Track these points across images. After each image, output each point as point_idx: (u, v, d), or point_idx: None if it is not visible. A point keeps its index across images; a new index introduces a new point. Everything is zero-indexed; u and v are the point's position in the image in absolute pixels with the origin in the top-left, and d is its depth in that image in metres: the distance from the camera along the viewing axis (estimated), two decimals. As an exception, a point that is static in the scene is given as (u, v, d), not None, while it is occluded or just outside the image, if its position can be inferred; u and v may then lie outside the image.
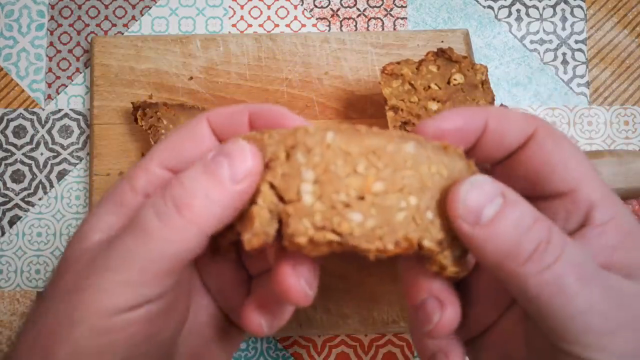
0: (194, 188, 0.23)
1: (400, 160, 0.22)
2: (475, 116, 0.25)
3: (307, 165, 0.22)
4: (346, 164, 0.21)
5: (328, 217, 0.21)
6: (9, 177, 0.47)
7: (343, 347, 0.45)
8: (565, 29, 0.48)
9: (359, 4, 0.49)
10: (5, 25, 0.48)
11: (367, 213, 0.21)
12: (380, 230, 0.21)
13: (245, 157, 0.23)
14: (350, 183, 0.21)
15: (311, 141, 0.22)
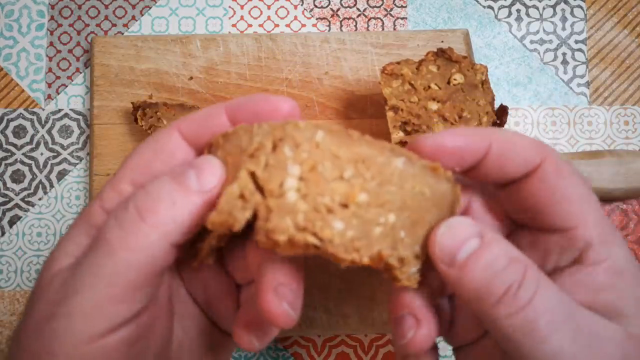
0: (159, 194, 0.23)
1: (388, 174, 0.22)
2: (478, 138, 0.25)
3: (294, 159, 0.21)
4: (334, 167, 0.21)
5: (311, 219, 0.21)
6: (9, 177, 0.47)
7: (343, 347, 0.45)
8: (565, 29, 0.48)
9: (359, 4, 0.49)
10: (5, 25, 0.48)
11: (348, 223, 0.21)
12: (359, 243, 0.21)
13: (215, 169, 0.23)
14: (336, 188, 0.21)
15: (300, 136, 0.21)
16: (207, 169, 0.23)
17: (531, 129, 0.47)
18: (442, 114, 0.37)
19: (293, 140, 0.21)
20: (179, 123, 0.25)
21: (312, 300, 0.43)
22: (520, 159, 0.25)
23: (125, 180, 0.25)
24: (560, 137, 0.47)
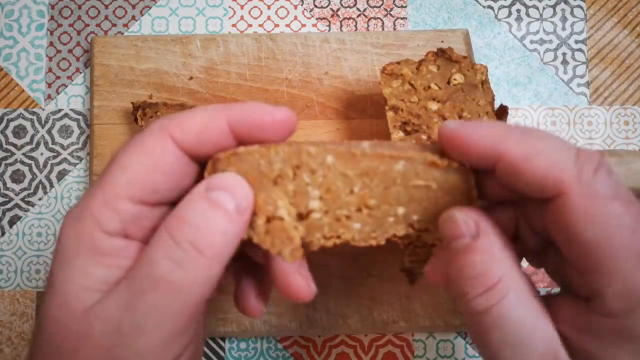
0: (206, 225, 0.23)
1: (391, 179, 0.26)
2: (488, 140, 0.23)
3: (312, 185, 0.25)
4: (345, 185, 0.26)
5: (334, 228, 0.26)
6: (9, 177, 0.47)
7: (343, 347, 0.45)
8: (565, 29, 0.48)
9: (359, 4, 0.49)
10: (5, 25, 0.48)
11: (364, 222, 0.26)
12: (374, 233, 0.26)
13: (244, 188, 0.24)
14: (349, 201, 0.26)
15: (314, 163, 0.25)
16: (240, 190, 0.24)
17: (531, 129, 0.47)
18: (442, 114, 0.37)
19: (308, 167, 0.25)
20: (171, 130, 0.24)
21: (312, 300, 0.43)
22: (531, 185, 0.22)
23: (122, 196, 0.24)
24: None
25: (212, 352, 0.45)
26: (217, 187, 0.23)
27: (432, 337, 0.45)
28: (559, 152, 0.22)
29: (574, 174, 0.21)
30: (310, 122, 0.45)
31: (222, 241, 0.23)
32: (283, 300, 0.43)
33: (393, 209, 0.26)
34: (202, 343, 0.28)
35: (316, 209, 0.26)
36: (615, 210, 0.21)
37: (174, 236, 0.22)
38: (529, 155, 0.22)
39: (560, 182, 0.21)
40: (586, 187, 0.21)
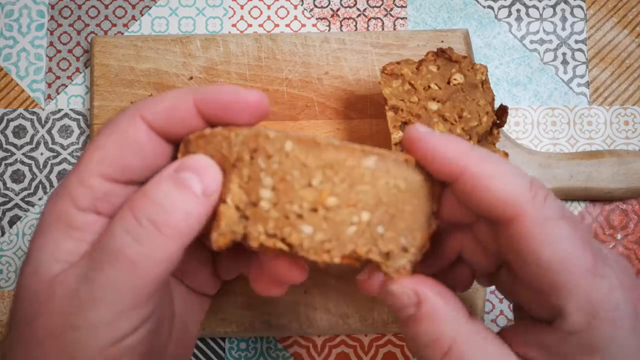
0: (170, 204, 0.23)
1: (358, 175, 0.22)
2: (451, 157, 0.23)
3: (266, 171, 0.22)
4: (302, 176, 0.22)
5: (280, 226, 0.22)
6: (9, 177, 0.47)
7: (343, 347, 0.45)
8: (565, 29, 0.48)
9: (359, 4, 0.49)
10: (5, 25, 0.48)
11: (318, 226, 0.22)
12: (329, 244, 0.22)
13: (214, 171, 0.24)
14: (304, 195, 0.22)
15: (271, 148, 0.22)
16: (209, 174, 0.24)
17: (531, 129, 0.47)
18: (442, 114, 0.37)
19: (265, 151, 0.22)
20: (142, 111, 0.25)
21: (312, 300, 0.44)
22: (488, 206, 0.23)
23: (94, 174, 0.24)
24: (560, 137, 0.47)
25: (212, 352, 0.45)
26: (186, 168, 0.24)
27: (432, 337, 0.45)
28: (516, 178, 0.23)
29: (529, 199, 0.23)
30: (310, 122, 0.45)
31: (184, 221, 0.23)
32: (283, 300, 0.43)
33: (356, 213, 0.22)
34: (167, 322, 0.28)
35: (265, 199, 0.22)
36: (566, 231, 0.22)
37: (135, 212, 0.23)
38: (489, 175, 0.23)
39: (517, 204, 0.22)
40: (540, 211, 0.22)
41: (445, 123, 0.37)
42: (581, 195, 0.45)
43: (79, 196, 0.24)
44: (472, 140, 0.37)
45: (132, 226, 0.23)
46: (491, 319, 0.45)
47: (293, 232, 0.22)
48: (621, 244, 0.46)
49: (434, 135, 0.24)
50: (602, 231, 0.46)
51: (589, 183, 0.44)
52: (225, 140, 0.24)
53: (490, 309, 0.45)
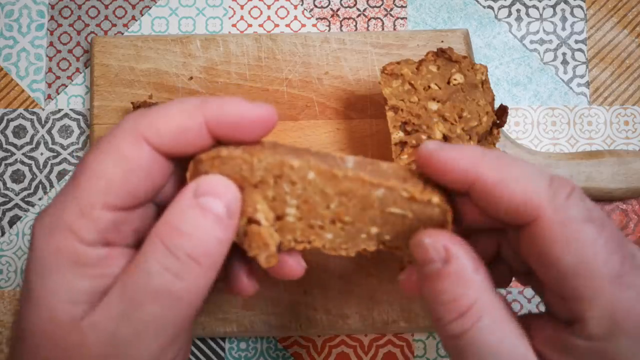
0: (202, 234, 0.23)
1: (369, 202, 0.26)
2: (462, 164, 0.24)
3: (290, 195, 0.26)
4: (322, 200, 0.26)
5: (306, 234, 0.27)
6: (9, 177, 0.47)
7: (343, 347, 0.45)
8: (565, 29, 0.48)
9: (359, 4, 0.49)
10: (5, 25, 0.48)
11: (337, 234, 0.27)
12: (345, 245, 0.27)
13: (232, 191, 0.24)
14: (324, 214, 0.26)
15: (295, 176, 0.25)
16: (229, 194, 0.24)
17: (531, 129, 0.47)
18: (442, 114, 0.37)
19: (289, 178, 0.25)
20: (146, 132, 0.23)
21: (312, 300, 0.44)
22: (506, 210, 0.23)
23: (97, 205, 0.23)
24: (560, 137, 0.47)
25: (212, 352, 0.45)
26: (205, 192, 0.23)
27: (432, 337, 0.45)
28: (533, 178, 0.22)
29: (548, 199, 0.22)
30: (310, 122, 0.45)
31: (217, 248, 0.23)
32: (283, 300, 0.43)
33: (367, 227, 0.27)
34: (190, 342, 0.28)
35: (291, 215, 0.26)
36: (590, 234, 0.21)
37: (169, 247, 0.22)
38: (503, 179, 0.22)
39: (534, 206, 0.22)
40: (560, 212, 0.22)
41: (445, 123, 0.37)
42: (581, 195, 0.45)
43: (83, 231, 0.23)
44: (472, 141, 0.37)
45: (171, 262, 0.22)
46: (491, 319, 0.45)
47: (317, 238, 0.27)
48: (621, 244, 0.46)
49: (443, 148, 0.24)
50: (602, 231, 0.46)
51: (589, 183, 0.44)
52: (246, 163, 0.25)
53: (490, 309, 0.45)
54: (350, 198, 0.26)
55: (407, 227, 0.26)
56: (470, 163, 0.23)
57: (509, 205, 0.22)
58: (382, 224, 0.26)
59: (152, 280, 0.22)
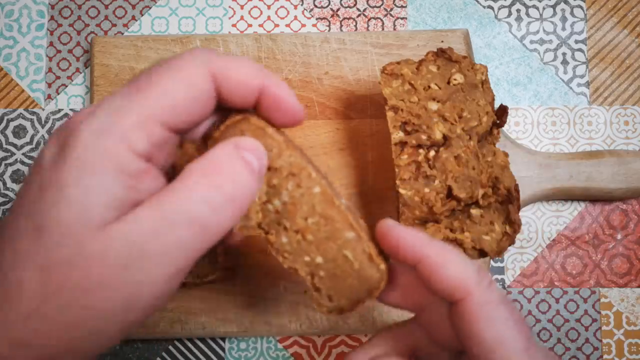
0: (242, 181, 0.25)
1: (336, 237, 0.29)
2: (410, 249, 0.29)
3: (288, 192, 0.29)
4: (307, 212, 0.29)
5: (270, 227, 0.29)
6: (9, 177, 0.47)
7: (343, 347, 0.45)
8: (565, 29, 0.48)
9: (359, 4, 0.49)
10: (5, 25, 0.48)
11: (291, 242, 0.29)
12: (288, 255, 0.30)
13: (264, 157, 0.27)
14: (298, 222, 0.29)
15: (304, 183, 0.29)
16: (263, 159, 0.27)
17: (531, 129, 0.47)
18: (442, 114, 0.37)
19: (299, 181, 0.28)
20: (215, 70, 0.25)
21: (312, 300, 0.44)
22: (443, 287, 0.28)
23: (155, 120, 0.24)
24: (560, 137, 0.47)
25: (212, 352, 0.45)
26: (246, 148, 0.26)
27: (432, 337, 0.45)
28: (466, 265, 0.28)
29: (475, 283, 0.27)
30: (310, 122, 0.45)
31: (249, 198, 0.25)
32: (283, 300, 0.43)
33: (316, 254, 0.30)
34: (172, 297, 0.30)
35: (274, 205, 0.29)
36: (504, 314, 0.27)
37: (213, 183, 0.24)
38: (445, 263, 0.28)
39: (466, 287, 0.27)
40: (484, 294, 0.27)
41: (445, 123, 0.37)
42: (581, 195, 0.45)
43: (135, 139, 0.24)
44: (472, 141, 0.36)
45: (212, 197, 0.24)
46: (491, 319, 0.45)
47: (275, 235, 0.29)
48: (621, 244, 0.46)
49: (399, 229, 0.29)
50: (602, 231, 0.46)
51: (589, 183, 0.44)
52: (278, 149, 0.28)
53: (490, 309, 0.46)
54: (326, 224, 0.29)
55: (345, 273, 0.30)
56: (419, 245, 0.28)
57: (447, 283, 0.27)
58: (330, 259, 0.30)
59: (192, 207, 0.23)
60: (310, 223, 0.30)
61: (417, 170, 0.36)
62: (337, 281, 0.31)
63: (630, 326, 0.45)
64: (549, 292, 0.46)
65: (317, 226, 0.30)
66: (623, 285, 0.45)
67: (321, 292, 0.32)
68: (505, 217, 0.37)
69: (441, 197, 0.36)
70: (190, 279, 0.40)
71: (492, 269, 0.46)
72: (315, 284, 0.32)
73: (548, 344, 0.45)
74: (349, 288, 0.32)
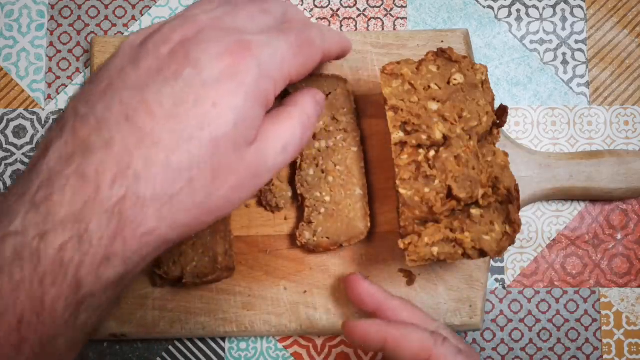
0: (315, 119, 0.34)
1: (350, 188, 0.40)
2: (374, 335, 0.36)
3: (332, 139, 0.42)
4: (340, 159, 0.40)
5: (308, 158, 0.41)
6: (9, 177, 0.47)
7: (343, 347, 0.45)
8: (565, 29, 0.48)
9: (359, 4, 0.49)
10: (5, 25, 0.48)
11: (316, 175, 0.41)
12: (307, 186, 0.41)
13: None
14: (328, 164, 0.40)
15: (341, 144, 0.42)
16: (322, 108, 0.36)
17: (531, 129, 0.47)
18: (442, 114, 0.37)
19: (346, 138, 0.42)
20: (326, 45, 0.32)
21: (312, 300, 0.44)
22: (409, 356, 0.35)
23: (291, 76, 0.31)
24: (560, 137, 0.47)
25: (212, 352, 0.45)
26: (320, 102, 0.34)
27: (432, 337, 0.45)
28: (422, 333, 0.36)
29: (433, 343, 0.35)
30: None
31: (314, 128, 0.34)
32: (283, 300, 0.43)
33: (327, 193, 0.41)
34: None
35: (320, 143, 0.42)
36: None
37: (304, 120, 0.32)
38: (405, 336, 0.35)
39: (427, 348, 0.35)
40: (442, 350, 0.35)
41: (445, 123, 0.37)
42: (581, 195, 0.45)
43: (277, 88, 0.29)
44: (472, 140, 0.36)
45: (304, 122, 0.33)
46: (491, 319, 0.45)
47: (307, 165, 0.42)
48: (621, 244, 0.46)
49: (361, 323, 0.37)
50: (602, 231, 0.46)
51: (589, 183, 0.44)
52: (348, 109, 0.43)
53: (490, 309, 0.45)
54: (347, 176, 0.42)
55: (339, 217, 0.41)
56: (381, 329, 0.36)
57: (412, 351, 0.35)
58: (334, 202, 0.41)
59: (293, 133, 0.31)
60: (336, 169, 0.41)
61: (417, 170, 0.36)
62: (329, 221, 0.41)
63: (630, 326, 0.45)
64: (549, 292, 0.46)
65: (340, 174, 0.41)
66: (623, 285, 0.45)
67: (311, 225, 0.41)
68: (505, 217, 0.37)
69: (441, 197, 0.36)
70: (190, 279, 0.40)
71: (492, 269, 0.46)
72: (310, 217, 0.41)
73: (548, 344, 0.45)
74: (336, 230, 0.41)
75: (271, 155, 0.29)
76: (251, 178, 0.29)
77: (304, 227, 0.41)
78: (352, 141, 0.42)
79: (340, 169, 0.41)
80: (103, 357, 0.45)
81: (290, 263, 0.44)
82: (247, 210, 0.45)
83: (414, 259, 0.36)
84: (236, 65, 0.27)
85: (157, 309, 0.43)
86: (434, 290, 0.43)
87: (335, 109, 0.42)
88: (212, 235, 0.41)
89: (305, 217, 0.41)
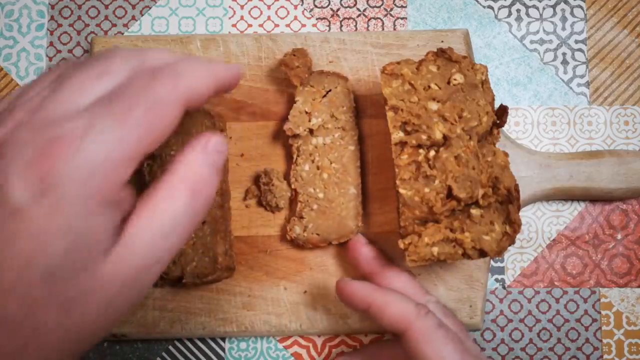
0: (212, 185, 0.28)
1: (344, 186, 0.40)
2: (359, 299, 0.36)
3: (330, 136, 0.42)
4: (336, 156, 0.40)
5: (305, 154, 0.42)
6: (9, 177, 0.47)
7: (343, 347, 0.45)
8: (565, 29, 0.48)
9: (359, 4, 0.49)
10: (5, 25, 0.48)
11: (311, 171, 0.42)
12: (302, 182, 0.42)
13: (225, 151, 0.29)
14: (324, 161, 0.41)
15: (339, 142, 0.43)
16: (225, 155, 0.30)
17: (531, 129, 0.47)
18: (442, 114, 0.37)
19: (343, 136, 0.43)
20: (187, 95, 0.25)
21: (312, 300, 0.44)
22: (389, 322, 0.35)
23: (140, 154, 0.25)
24: (560, 137, 0.47)
25: (212, 352, 0.45)
26: (216, 149, 0.27)
27: (432, 337, 0.45)
28: (405, 302, 0.36)
29: (415, 314, 0.35)
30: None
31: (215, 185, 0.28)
32: (283, 300, 0.43)
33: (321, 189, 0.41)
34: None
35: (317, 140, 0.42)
36: (441, 336, 0.34)
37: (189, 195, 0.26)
38: (388, 302, 0.35)
39: (407, 320, 0.35)
40: (422, 322, 0.35)
41: (445, 123, 0.37)
42: (581, 195, 0.45)
43: (120, 174, 0.24)
44: (472, 140, 0.36)
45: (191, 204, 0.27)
46: (491, 319, 0.45)
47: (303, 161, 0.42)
48: (621, 244, 0.46)
49: (351, 283, 0.37)
50: (602, 231, 0.46)
51: (589, 183, 0.44)
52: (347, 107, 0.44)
53: (490, 309, 0.45)
54: (342, 174, 0.42)
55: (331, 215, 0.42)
56: (368, 293, 0.36)
57: (391, 319, 0.35)
58: (328, 199, 0.42)
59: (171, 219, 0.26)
60: (332, 166, 0.40)
61: (417, 170, 0.36)
62: (321, 217, 0.41)
63: (630, 326, 0.45)
64: (549, 292, 0.46)
65: (335, 172, 0.41)
66: (623, 285, 0.45)
67: (302, 221, 0.41)
68: (505, 217, 0.37)
69: (441, 197, 0.36)
70: (190, 279, 0.40)
71: (492, 269, 0.46)
72: (302, 213, 0.41)
73: (548, 344, 0.45)
74: (327, 227, 0.41)
75: (146, 250, 0.24)
76: (124, 288, 0.24)
77: (295, 222, 0.42)
78: (350, 140, 0.42)
79: (335, 167, 0.41)
80: (103, 357, 0.45)
81: (291, 263, 0.44)
82: (247, 210, 0.45)
83: (414, 259, 0.36)
84: (48, 176, 0.22)
85: (157, 309, 0.43)
86: (434, 290, 0.43)
87: (335, 107, 0.42)
88: (212, 235, 0.41)
89: (297, 212, 0.42)
